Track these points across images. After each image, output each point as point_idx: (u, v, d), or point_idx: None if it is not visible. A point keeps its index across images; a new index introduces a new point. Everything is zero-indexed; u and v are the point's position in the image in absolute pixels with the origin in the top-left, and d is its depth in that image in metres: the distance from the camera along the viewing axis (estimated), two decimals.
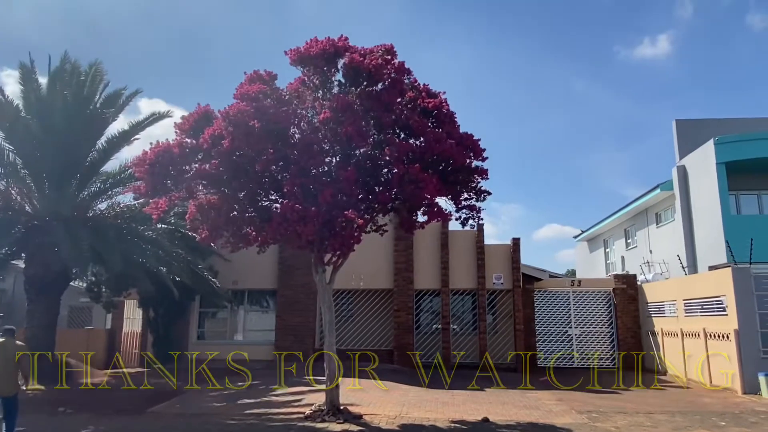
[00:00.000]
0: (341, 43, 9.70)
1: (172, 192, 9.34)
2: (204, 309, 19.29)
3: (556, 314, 18.55)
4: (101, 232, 12.65)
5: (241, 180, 9.05)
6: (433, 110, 9.77)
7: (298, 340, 18.00)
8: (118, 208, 15.15)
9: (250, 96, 8.62)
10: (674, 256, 21.09)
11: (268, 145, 8.52)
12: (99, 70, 14.46)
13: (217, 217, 9.27)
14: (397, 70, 9.77)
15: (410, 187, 8.50)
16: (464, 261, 18.07)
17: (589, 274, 30.33)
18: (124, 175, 14.90)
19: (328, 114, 9.11)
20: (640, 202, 23.54)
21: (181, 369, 16.54)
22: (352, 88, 9.65)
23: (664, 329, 16.58)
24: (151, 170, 8.84)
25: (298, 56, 9.55)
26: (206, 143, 8.64)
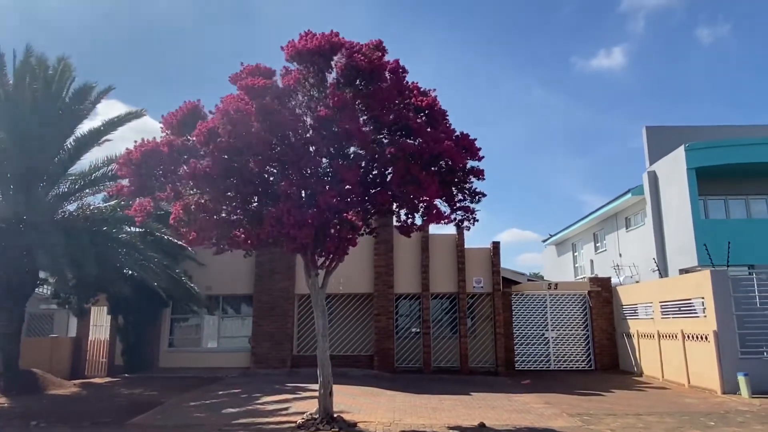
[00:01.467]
0: (335, 39, 9.42)
1: (159, 192, 8.84)
2: (176, 315, 18.58)
3: (534, 317, 18.62)
4: (75, 236, 11.96)
5: (233, 180, 8.64)
6: (426, 109, 9.59)
7: (276, 346, 17.50)
8: (88, 210, 14.39)
9: (255, 90, 8.21)
10: (644, 259, 21.55)
11: (268, 144, 8.15)
12: (67, 65, 13.73)
13: (206, 219, 8.82)
14: (393, 68, 9.55)
15: (411, 188, 8.26)
16: (444, 265, 17.96)
17: (557, 277, 30.75)
18: (95, 175, 14.19)
19: (325, 112, 8.80)
20: (610, 206, 23.99)
21: (154, 378, 15.82)
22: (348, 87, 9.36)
23: (639, 331, 16.81)
24: (137, 170, 8.34)
25: (295, 52, 9.20)
26: (199, 141, 8.20)
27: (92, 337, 18.68)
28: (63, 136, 13.48)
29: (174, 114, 8.94)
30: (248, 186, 8.86)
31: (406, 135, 9.40)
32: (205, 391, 13.23)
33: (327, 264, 9.59)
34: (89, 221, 13.74)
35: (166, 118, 8.96)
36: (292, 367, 17.30)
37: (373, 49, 9.60)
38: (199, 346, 18.50)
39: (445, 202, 9.78)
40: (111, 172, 14.11)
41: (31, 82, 12.81)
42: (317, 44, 9.15)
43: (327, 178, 9.15)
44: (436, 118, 9.30)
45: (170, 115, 8.99)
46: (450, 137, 9.06)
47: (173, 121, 8.85)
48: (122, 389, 13.75)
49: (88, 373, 17.90)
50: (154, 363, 17.71)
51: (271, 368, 17.11)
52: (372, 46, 9.67)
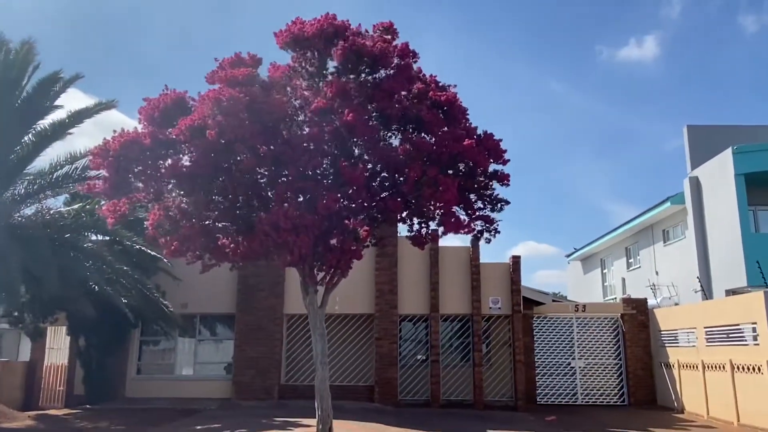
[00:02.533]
0: (340, 23, 9.49)
1: (136, 192, 8.85)
2: (146, 338, 18.54)
3: (558, 344, 18.64)
4: (33, 245, 11.94)
5: (221, 180, 8.67)
6: (445, 105, 9.64)
7: (261, 374, 17.46)
8: (48, 215, 14.39)
9: (237, 80, 8.26)
10: (684, 277, 21.61)
11: (260, 139, 8.19)
12: (31, 49, 13.75)
13: (190, 226, 8.84)
14: (402, 52, 9.61)
15: (427, 192, 8.30)
16: (456, 282, 17.97)
17: (583, 297, 30.77)
18: (57, 174, 14.20)
19: (322, 103, 8.83)
20: (645, 217, 24.09)
21: (120, 410, 15.75)
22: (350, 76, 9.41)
23: (680, 361, 16.84)
24: (115, 164, 8.34)
25: (291, 38, 9.27)
26: (182, 135, 8.23)
27: (48, 362, 18.61)
28: (22, 129, 13.51)
29: (155, 103, 8.88)
30: (238, 187, 8.88)
31: (418, 131, 9.46)
32: (180, 426, 13.18)
33: (327, 279, 9.61)
34: (49, 227, 13.73)
35: (145, 108, 8.93)
36: (279, 398, 17.25)
37: (383, 32, 9.68)
38: (172, 373, 18.44)
39: (462, 209, 9.83)
40: (75, 172, 14.12)
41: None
42: (319, 27, 9.22)
43: (327, 181, 9.20)
44: (456, 116, 9.36)
45: (150, 104, 8.93)
46: (471, 136, 9.11)
47: (154, 113, 8.84)
48: (84, 423, 13.68)
49: (43, 403, 17.81)
50: (119, 392, 17.63)
51: (255, 399, 17.06)
52: (381, 29, 9.75)
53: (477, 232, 9.96)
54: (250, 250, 9.03)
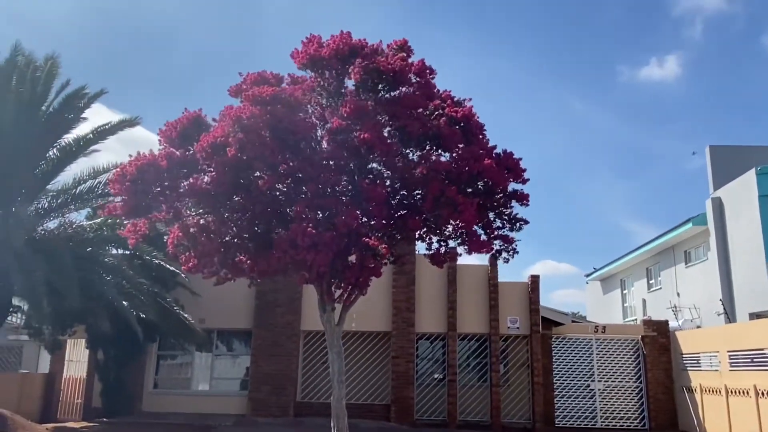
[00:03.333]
0: (357, 42, 9.57)
1: (155, 212, 8.96)
2: (163, 352, 18.61)
3: (578, 365, 18.37)
4: (56, 258, 12.09)
5: (240, 198, 8.73)
6: (461, 121, 9.65)
7: (277, 391, 17.42)
8: (70, 229, 14.58)
9: (263, 99, 8.34)
10: (707, 300, 21.27)
11: (280, 157, 8.25)
12: (56, 64, 13.99)
13: (209, 242, 8.89)
14: (419, 69, 9.66)
15: (446, 211, 8.28)
16: (474, 301, 17.86)
17: (602, 318, 30.39)
18: (80, 189, 14.40)
19: (338, 123, 8.89)
20: (666, 237, 23.81)
21: (136, 424, 15.81)
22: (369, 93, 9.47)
23: (702, 385, 16.50)
24: (132, 188, 8.46)
25: (308, 58, 9.36)
26: (203, 153, 8.32)
27: (67, 375, 18.77)
28: (47, 144, 13.72)
29: (173, 125, 9.05)
30: (257, 205, 8.94)
31: (437, 148, 9.48)
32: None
33: (345, 297, 9.59)
34: (71, 241, 13.90)
35: (164, 130, 9.09)
36: (295, 415, 17.19)
37: (397, 50, 9.74)
38: (189, 388, 18.47)
39: (481, 228, 9.80)
40: (98, 187, 14.32)
41: (18, 85, 13.10)
42: (335, 48, 9.30)
43: (346, 198, 9.22)
44: (473, 132, 9.37)
45: (169, 126, 9.11)
46: (490, 155, 9.10)
47: (172, 134, 8.97)
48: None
49: (61, 415, 17.94)
50: (136, 406, 17.69)
51: (270, 416, 17.01)
52: (396, 47, 9.82)
53: (496, 252, 9.91)
54: (269, 267, 9.06)
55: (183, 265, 9.27)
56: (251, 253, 9.42)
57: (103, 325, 13.38)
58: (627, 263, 28.76)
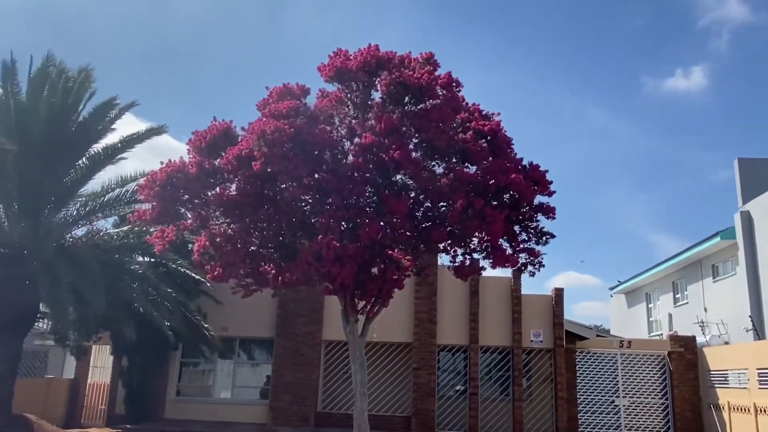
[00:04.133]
0: (384, 54, 9.60)
1: (182, 219, 9.06)
2: (186, 359, 18.74)
3: (602, 380, 18.12)
4: (83, 266, 12.27)
5: (266, 209, 8.79)
6: (488, 134, 9.63)
7: (298, 401, 17.42)
8: (98, 237, 14.79)
9: (281, 114, 8.41)
10: (735, 315, 20.84)
11: (305, 170, 8.29)
12: (89, 76, 14.28)
13: (235, 252, 8.97)
14: (446, 83, 9.66)
15: (474, 224, 8.25)
16: (497, 313, 17.72)
17: (627, 332, 29.96)
18: (108, 197, 14.63)
19: (371, 139, 8.90)
20: (693, 251, 23.39)
21: (159, 431, 15.90)
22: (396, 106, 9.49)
23: (731, 403, 16.17)
24: (161, 193, 8.57)
25: (335, 71, 9.41)
26: (230, 165, 8.40)
27: (91, 380, 18.97)
28: (77, 154, 13.98)
29: (202, 135, 9.17)
30: (282, 216, 9.00)
31: (463, 162, 9.45)
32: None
33: (368, 309, 9.59)
34: (98, 249, 14.10)
35: (193, 140, 9.21)
36: (315, 426, 17.17)
37: (424, 63, 9.76)
38: (210, 396, 18.57)
39: (507, 242, 9.74)
40: (125, 195, 14.53)
41: (50, 95, 13.37)
42: (362, 60, 9.34)
43: (369, 210, 9.23)
44: (501, 146, 9.35)
45: (198, 136, 9.22)
46: (517, 168, 9.06)
47: (201, 144, 9.08)
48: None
49: (84, 420, 18.12)
50: (159, 413, 17.82)
51: (291, 426, 17.00)
52: (422, 60, 9.83)
53: (521, 265, 9.84)
54: (293, 278, 9.13)
55: (208, 273, 9.37)
56: (276, 263, 9.49)
57: (129, 332, 13.52)
58: (652, 276, 28.30)
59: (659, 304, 28.66)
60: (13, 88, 13.33)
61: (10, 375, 13.67)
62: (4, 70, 13.17)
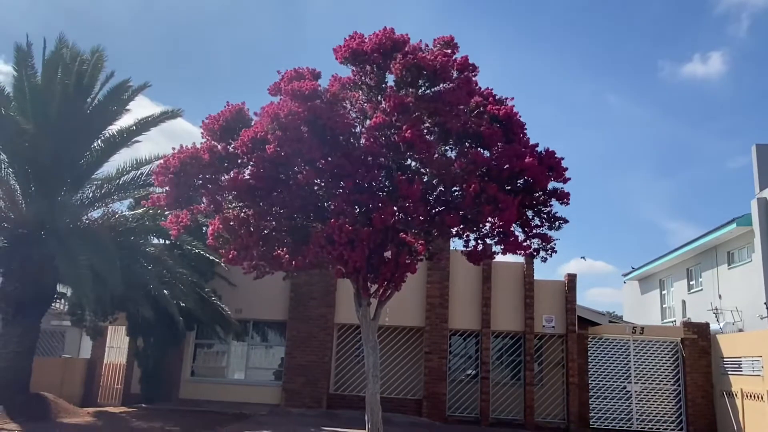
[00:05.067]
0: (399, 37, 9.53)
1: (196, 204, 9.11)
2: (201, 341, 18.95)
3: (614, 366, 18.10)
4: (100, 247, 12.42)
5: (280, 193, 8.81)
6: (503, 119, 9.55)
7: (311, 383, 17.60)
8: (113, 219, 14.94)
9: (302, 94, 8.40)
10: (750, 303, 20.67)
11: (319, 154, 8.29)
12: (101, 57, 14.38)
13: (248, 235, 9.01)
14: (462, 66, 9.58)
15: (487, 209, 8.22)
16: (509, 298, 17.73)
17: (639, 319, 29.83)
18: (123, 180, 14.75)
19: (381, 118, 8.88)
20: (709, 238, 23.18)
21: (174, 411, 16.14)
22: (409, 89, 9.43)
23: (744, 390, 16.11)
24: (175, 179, 8.61)
25: (350, 53, 9.35)
26: (244, 148, 8.42)
27: (107, 360, 19.27)
28: (92, 135, 14.09)
29: (215, 118, 9.17)
30: (296, 199, 9.01)
31: (477, 146, 9.39)
32: (232, 430, 13.40)
33: (381, 293, 9.61)
34: (114, 231, 14.25)
35: (206, 123, 9.21)
36: (328, 407, 17.34)
37: (443, 46, 9.68)
38: (224, 376, 18.80)
39: (519, 227, 9.70)
40: (140, 177, 14.64)
41: (63, 76, 13.45)
42: (377, 42, 9.28)
43: (382, 194, 9.22)
44: (514, 131, 9.27)
45: (211, 119, 9.22)
46: (531, 153, 9.00)
47: (215, 127, 9.08)
48: (140, 422, 14.08)
49: (101, 400, 18.43)
50: (173, 393, 18.07)
51: (304, 407, 17.19)
52: (442, 43, 9.75)
53: (533, 251, 9.81)
54: (306, 261, 9.16)
55: (223, 257, 9.43)
56: (289, 246, 9.53)
57: (145, 313, 13.70)
58: (667, 263, 28.11)
59: (673, 291, 28.51)
60: (28, 70, 13.43)
61: (28, 354, 13.92)
62: (19, 53, 13.26)
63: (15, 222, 13.77)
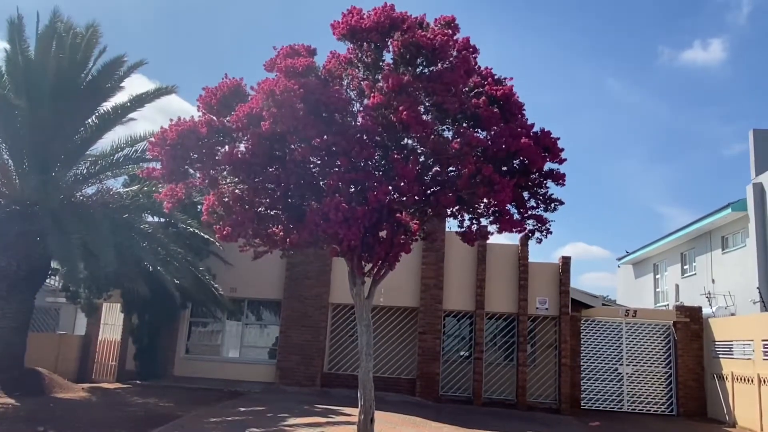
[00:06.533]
0: (398, 14, 9.42)
1: (192, 178, 9.05)
2: (196, 319, 19.00)
3: (606, 348, 18.25)
4: (93, 223, 12.38)
5: (275, 169, 8.75)
6: (501, 99, 9.48)
7: (305, 362, 17.68)
8: (107, 195, 14.87)
9: (295, 71, 8.31)
10: (743, 287, 20.80)
11: (314, 131, 8.22)
12: (96, 32, 14.21)
13: (243, 212, 8.96)
14: (462, 46, 9.49)
15: (481, 190, 8.19)
16: (503, 280, 17.78)
17: (633, 302, 30.01)
18: (117, 156, 14.66)
19: (379, 98, 8.81)
20: (703, 222, 23.27)
21: (168, 388, 16.22)
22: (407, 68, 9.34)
23: (734, 373, 16.26)
24: (172, 152, 8.53)
25: (348, 29, 9.21)
26: (239, 123, 8.34)
27: (102, 337, 19.30)
28: (86, 111, 13.98)
29: (213, 92, 9.06)
30: (291, 176, 8.96)
31: (474, 127, 9.34)
32: (226, 407, 13.48)
33: (375, 272, 9.61)
34: (108, 207, 14.19)
35: (203, 96, 9.11)
36: (322, 386, 17.44)
37: (444, 26, 9.57)
38: (219, 354, 18.87)
39: (515, 207, 9.67)
40: (135, 154, 14.56)
41: (57, 51, 13.29)
42: (376, 19, 9.17)
43: (378, 173, 9.18)
44: (512, 112, 9.19)
45: (208, 93, 9.12)
46: (527, 133, 8.95)
47: (212, 101, 8.99)
48: (134, 398, 14.16)
49: (95, 376, 18.49)
50: (168, 370, 18.15)
51: (298, 386, 17.29)
52: (443, 23, 9.64)
53: (528, 232, 9.79)
54: (300, 239, 9.11)
55: (217, 233, 9.39)
56: (284, 224, 9.48)
57: (140, 290, 13.71)
58: (661, 247, 28.24)
59: (666, 275, 28.67)
60: (21, 44, 13.28)
61: (23, 329, 13.94)
62: (12, 26, 13.09)
63: (8, 198, 13.71)
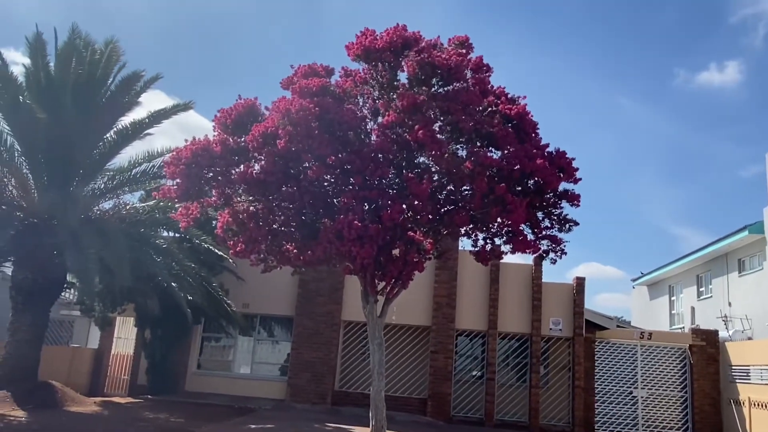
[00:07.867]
0: (410, 34, 9.51)
1: (207, 197, 9.14)
2: (208, 334, 19.01)
3: (621, 371, 18.01)
4: (109, 238, 12.48)
5: (289, 188, 8.82)
6: (515, 118, 9.52)
7: (316, 379, 17.60)
8: (124, 210, 15.01)
9: (310, 91, 8.40)
10: (760, 311, 20.50)
11: (329, 150, 8.29)
12: (115, 48, 14.42)
13: (257, 229, 9.03)
14: (476, 66, 9.56)
15: (495, 210, 8.19)
16: (517, 300, 17.65)
17: (648, 324, 29.64)
18: (135, 172, 14.81)
19: (393, 117, 8.88)
20: (720, 245, 23.00)
21: (179, 403, 16.20)
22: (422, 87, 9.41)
23: (752, 398, 15.98)
24: (187, 171, 8.65)
25: (362, 50, 9.34)
26: (255, 143, 8.43)
27: (115, 351, 19.36)
28: (105, 127, 14.16)
29: (228, 112, 9.21)
30: (305, 195, 9.02)
31: (488, 146, 9.36)
32: (236, 424, 13.43)
33: (388, 290, 9.61)
34: (125, 222, 14.32)
35: (218, 117, 9.25)
36: (333, 404, 17.34)
37: (458, 46, 9.64)
38: (230, 370, 18.83)
39: (529, 228, 9.66)
40: (152, 170, 14.71)
41: (77, 67, 13.51)
42: (389, 39, 9.26)
43: (392, 191, 9.21)
44: (527, 131, 9.24)
45: (223, 113, 9.27)
46: (542, 154, 8.95)
47: (227, 121, 9.12)
48: (146, 413, 14.15)
49: (107, 390, 18.51)
50: (179, 385, 18.12)
51: (308, 403, 17.21)
52: (456, 43, 9.71)
53: (542, 252, 9.77)
54: (314, 257, 9.15)
55: (231, 249, 9.45)
56: (298, 242, 9.53)
57: (153, 305, 13.77)
58: (677, 269, 27.91)
59: (682, 298, 28.31)
60: (42, 60, 13.48)
61: (37, 342, 14.01)
62: (33, 42, 13.32)
63: (27, 211, 13.87)
